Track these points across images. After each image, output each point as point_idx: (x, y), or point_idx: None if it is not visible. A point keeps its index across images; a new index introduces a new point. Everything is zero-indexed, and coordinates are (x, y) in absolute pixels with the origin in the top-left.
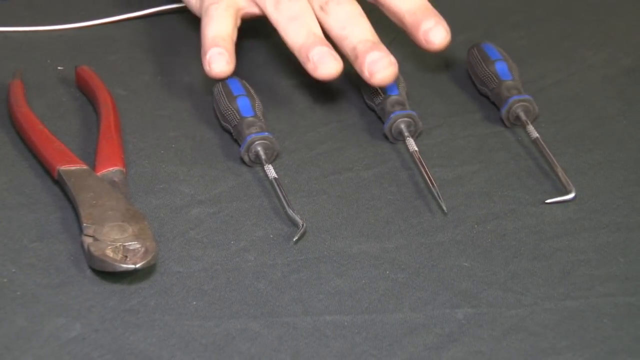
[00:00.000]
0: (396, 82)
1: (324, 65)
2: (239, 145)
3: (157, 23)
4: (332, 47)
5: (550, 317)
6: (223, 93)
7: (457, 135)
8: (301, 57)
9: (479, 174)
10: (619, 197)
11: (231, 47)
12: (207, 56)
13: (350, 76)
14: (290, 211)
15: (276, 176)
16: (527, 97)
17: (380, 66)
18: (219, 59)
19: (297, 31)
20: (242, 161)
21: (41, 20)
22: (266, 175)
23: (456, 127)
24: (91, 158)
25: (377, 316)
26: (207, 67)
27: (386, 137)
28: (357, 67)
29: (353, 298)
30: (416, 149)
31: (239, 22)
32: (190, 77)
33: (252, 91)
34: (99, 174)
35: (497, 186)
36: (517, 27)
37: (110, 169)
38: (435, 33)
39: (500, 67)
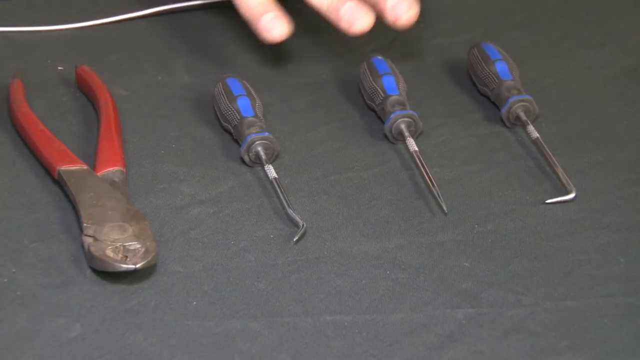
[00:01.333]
0: (396, 82)
1: (358, 21)
2: (239, 145)
3: (157, 23)
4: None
5: (551, 317)
6: (223, 93)
7: (457, 135)
8: (331, 16)
9: (479, 174)
10: (619, 197)
11: (279, 8)
12: (263, 24)
13: (351, 76)
14: (290, 211)
15: (276, 176)
16: (527, 97)
17: (404, 8)
18: (277, 22)
19: None
20: (243, 161)
21: (41, 20)
22: (266, 175)
23: (456, 127)
24: (91, 158)
25: (378, 316)
26: (265, 35)
27: (386, 137)
28: (379, 10)
29: (353, 298)
30: (416, 149)
31: None
32: (190, 77)
33: (252, 91)
34: (99, 174)
35: (498, 186)
36: (517, 27)
37: (111, 169)
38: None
39: (501, 67)
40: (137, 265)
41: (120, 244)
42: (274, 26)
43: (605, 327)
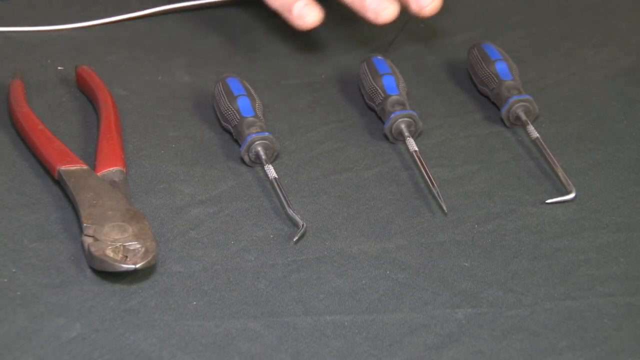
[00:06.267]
0: (396, 82)
1: (384, 11)
2: (239, 145)
3: (157, 23)
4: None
5: (551, 317)
6: (223, 93)
7: (457, 135)
8: (357, 6)
9: (479, 174)
10: (619, 197)
11: None
12: (296, 12)
13: (351, 76)
14: (290, 211)
15: (276, 176)
16: (527, 97)
17: None
18: (309, 9)
19: None
20: (242, 161)
21: (41, 20)
22: (266, 175)
23: (456, 127)
24: (91, 158)
25: (378, 316)
26: (299, 22)
27: (386, 137)
28: (403, 0)
29: (353, 298)
30: (416, 149)
31: None
32: (190, 77)
33: (252, 91)
34: (99, 174)
35: (497, 186)
36: (517, 27)
37: (110, 169)
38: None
39: (501, 67)
40: (137, 265)
41: (120, 244)
42: (307, 13)
43: (605, 327)
